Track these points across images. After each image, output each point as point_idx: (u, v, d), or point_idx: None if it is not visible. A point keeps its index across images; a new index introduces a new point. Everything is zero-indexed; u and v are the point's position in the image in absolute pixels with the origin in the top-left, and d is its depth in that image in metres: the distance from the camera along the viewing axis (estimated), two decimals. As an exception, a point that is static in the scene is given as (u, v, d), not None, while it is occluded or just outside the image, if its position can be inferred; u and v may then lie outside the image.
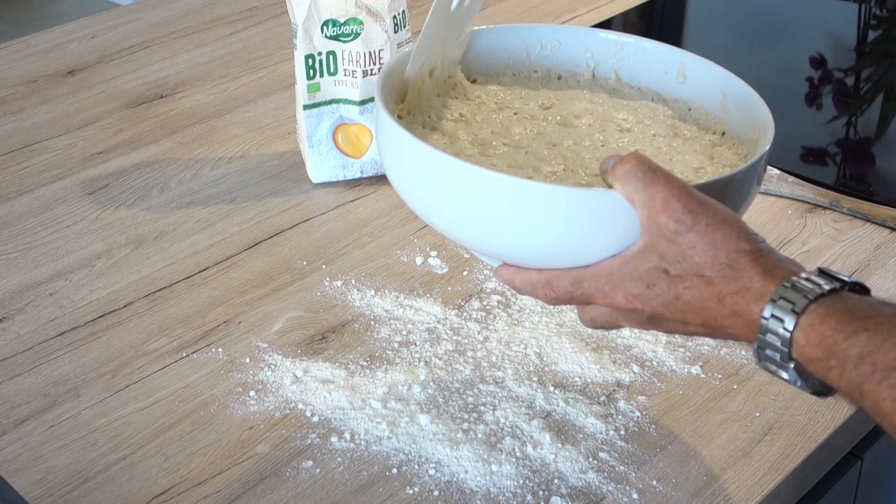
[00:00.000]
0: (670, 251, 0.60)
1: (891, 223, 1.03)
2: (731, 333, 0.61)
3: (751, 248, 0.59)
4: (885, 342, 0.54)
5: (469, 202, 0.65)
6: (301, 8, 1.01)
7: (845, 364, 0.55)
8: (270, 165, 1.12)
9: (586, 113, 0.79)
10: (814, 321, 0.56)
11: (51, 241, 1.01)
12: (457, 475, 0.76)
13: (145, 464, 0.77)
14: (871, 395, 0.54)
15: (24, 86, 1.29)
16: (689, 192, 0.60)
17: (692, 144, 0.75)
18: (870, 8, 1.53)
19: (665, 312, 0.61)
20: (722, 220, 0.60)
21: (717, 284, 0.59)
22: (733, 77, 0.76)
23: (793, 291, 0.57)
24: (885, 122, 1.28)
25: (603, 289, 0.63)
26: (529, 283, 0.66)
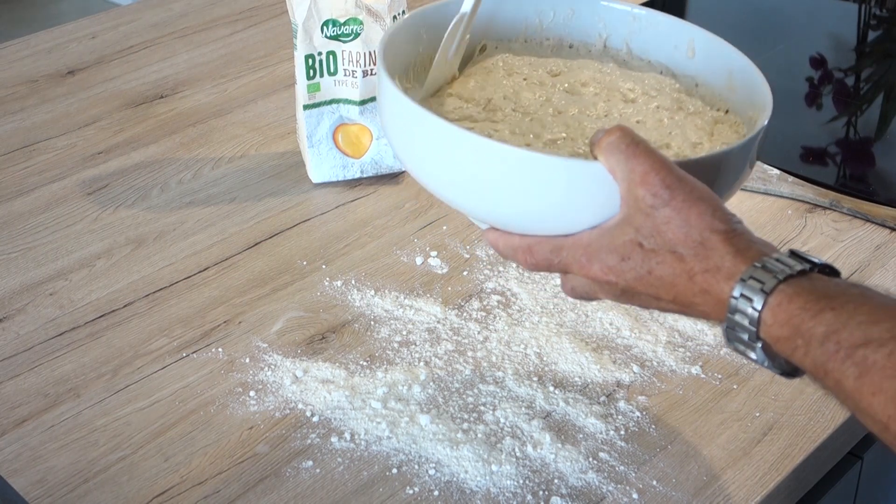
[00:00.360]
0: (646, 225, 0.60)
1: (891, 223, 1.03)
2: (702, 311, 0.61)
3: (724, 228, 0.60)
4: (850, 321, 0.54)
5: (456, 165, 0.66)
6: (301, 8, 1.01)
7: (811, 343, 0.55)
8: (270, 165, 1.12)
9: (593, 81, 0.79)
10: (781, 301, 0.57)
11: (51, 241, 1.01)
12: (457, 475, 0.76)
13: (145, 464, 0.77)
14: (835, 374, 0.54)
15: (24, 86, 1.29)
16: (668, 168, 0.61)
17: (694, 119, 0.76)
18: (870, 8, 1.53)
19: (638, 286, 0.62)
20: (698, 198, 0.60)
21: (689, 262, 0.60)
22: (740, 55, 0.76)
23: (762, 271, 0.58)
24: (885, 122, 1.28)
25: (580, 259, 0.63)
26: (512, 247, 0.67)
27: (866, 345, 0.53)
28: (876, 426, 0.54)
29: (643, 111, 0.76)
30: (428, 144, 0.68)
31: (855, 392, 0.54)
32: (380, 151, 1.08)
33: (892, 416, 0.52)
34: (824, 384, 0.56)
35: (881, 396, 0.53)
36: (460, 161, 0.66)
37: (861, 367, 0.53)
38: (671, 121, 0.75)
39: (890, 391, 0.52)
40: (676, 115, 0.76)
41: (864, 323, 0.54)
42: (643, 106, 0.76)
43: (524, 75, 0.79)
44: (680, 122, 0.75)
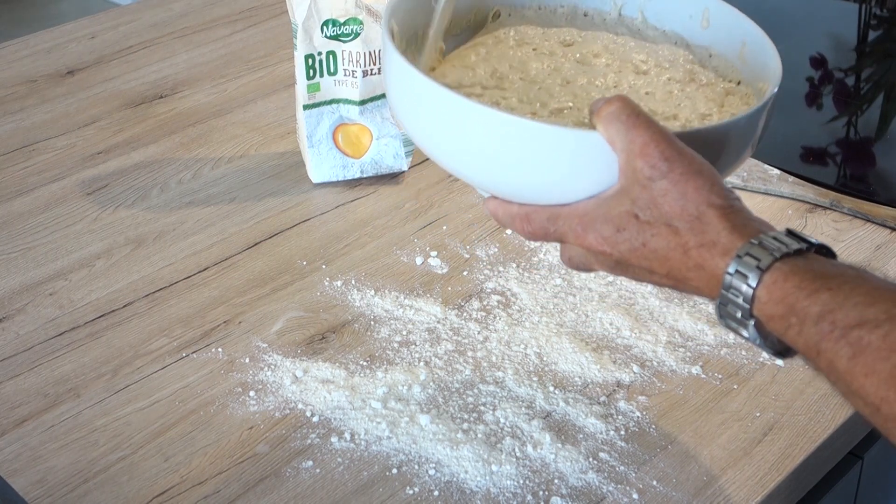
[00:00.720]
0: (642, 196, 0.60)
1: (891, 223, 1.03)
2: (695, 287, 0.61)
3: (721, 203, 0.59)
4: (846, 301, 0.54)
5: (456, 133, 0.66)
6: (301, 8, 1.01)
7: (805, 322, 0.55)
8: (270, 165, 1.12)
9: (606, 52, 0.79)
10: (777, 278, 0.56)
11: (50, 241, 1.01)
12: (457, 475, 0.76)
13: (145, 464, 0.77)
14: (828, 354, 0.54)
15: (24, 86, 1.29)
16: (668, 140, 0.60)
17: (706, 91, 0.75)
18: (870, 8, 1.53)
19: (631, 258, 0.61)
20: (696, 171, 0.60)
21: (684, 235, 0.59)
22: (754, 25, 0.76)
23: (759, 248, 0.57)
24: (885, 122, 1.28)
25: (576, 228, 0.63)
26: (510, 215, 0.67)
27: (861, 325, 0.53)
28: (867, 408, 0.54)
29: (654, 83, 0.75)
30: (429, 112, 0.67)
31: (847, 373, 0.53)
32: (380, 151, 1.08)
33: (884, 398, 0.52)
34: (816, 364, 0.55)
35: (874, 378, 0.52)
36: (460, 128, 0.66)
37: (855, 347, 0.53)
38: (681, 92, 0.75)
39: (883, 372, 0.52)
40: (688, 86, 0.75)
41: (860, 304, 0.54)
42: (654, 78, 0.76)
43: (534, 45, 0.79)
44: (690, 94, 0.74)
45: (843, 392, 0.55)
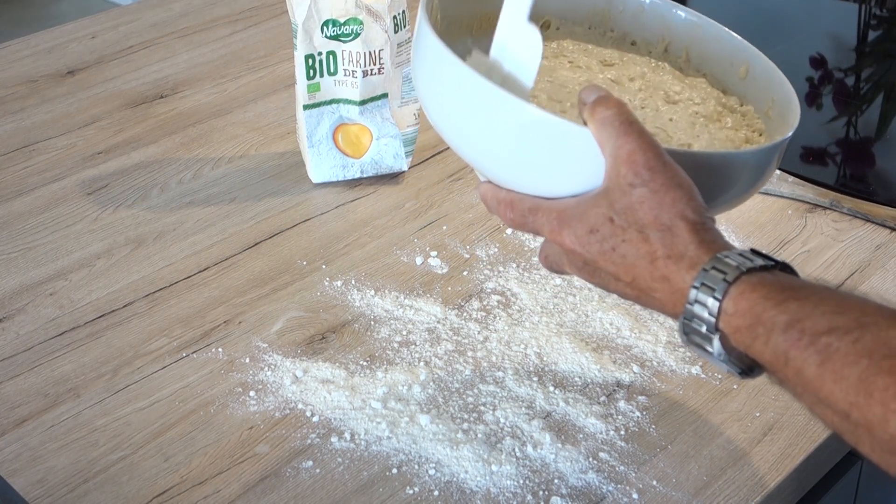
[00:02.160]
0: (621, 201, 0.61)
1: (891, 223, 1.03)
2: (658, 300, 0.61)
3: (694, 218, 0.60)
4: (815, 310, 0.54)
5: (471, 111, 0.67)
6: (301, 8, 1.01)
7: (772, 331, 0.55)
8: (270, 165, 1.12)
9: (641, 78, 0.79)
10: (744, 290, 0.57)
11: (51, 241, 1.01)
12: (457, 475, 0.76)
13: (145, 464, 0.77)
14: (796, 361, 0.54)
15: (24, 86, 1.29)
16: (655, 150, 0.61)
17: (728, 133, 0.75)
18: (870, 8, 1.53)
19: (600, 261, 0.62)
20: (676, 184, 0.60)
21: (654, 244, 0.60)
22: (787, 83, 0.76)
23: (724, 263, 0.58)
24: (885, 122, 1.28)
25: (552, 223, 0.64)
26: (497, 199, 0.68)
27: (830, 332, 0.53)
28: (835, 416, 0.53)
29: (680, 113, 0.76)
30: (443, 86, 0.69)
31: (816, 380, 0.53)
32: (380, 151, 1.08)
33: (853, 403, 0.52)
34: (783, 374, 0.55)
35: (843, 384, 0.52)
36: (474, 108, 0.66)
37: (824, 353, 0.53)
38: (704, 127, 0.75)
39: (852, 377, 0.52)
40: (712, 124, 0.76)
41: (828, 313, 0.54)
42: (683, 109, 0.77)
43: (570, 58, 0.79)
44: (712, 131, 0.75)
45: (810, 402, 0.55)
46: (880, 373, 0.51)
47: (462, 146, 0.70)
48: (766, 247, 1.00)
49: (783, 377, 0.55)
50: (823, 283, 0.57)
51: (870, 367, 0.51)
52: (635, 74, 0.79)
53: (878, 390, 0.50)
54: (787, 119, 0.74)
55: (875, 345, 0.51)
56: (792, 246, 1.00)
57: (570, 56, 0.80)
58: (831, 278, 0.96)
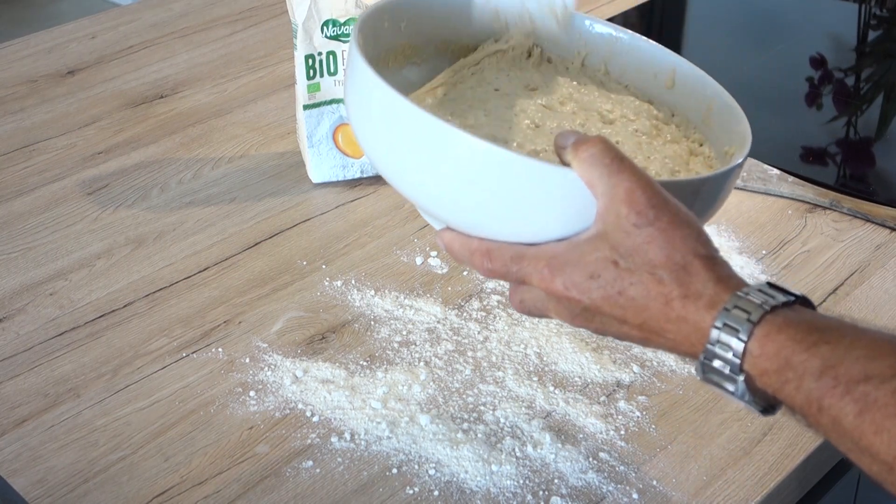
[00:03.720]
0: (625, 243, 0.58)
1: (891, 223, 1.03)
2: (671, 340, 0.58)
3: (706, 254, 0.58)
4: (848, 355, 0.52)
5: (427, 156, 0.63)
6: (301, 8, 1.02)
7: (804, 377, 0.53)
8: (270, 165, 1.12)
9: (570, 100, 0.77)
10: (769, 331, 0.55)
11: (51, 241, 1.01)
12: (457, 475, 0.76)
13: (145, 464, 0.77)
14: (832, 410, 0.52)
15: (24, 86, 1.29)
16: (654, 187, 0.58)
17: (673, 147, 0.74)
18: (870, 8, 1.53)
19: (604, 306, 0.59)
20: (683, 221, 0.58)
21: (668, 286, 0.57)
22: (721, 89, 0.75)
23: (747, 301, 0.56)
24: (885, 122, 1.28)
25: (542, 271, 0.60)
26: (469, 249, 0.63)
27: (867, 381, 0.51)
28: (878, 466, 0.52)
29: (621, 133, 0.74)
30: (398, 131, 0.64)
31: (855, 430, 0.52)
32: (380, 151, 1.08)
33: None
34: (817, 420, 0.54)
35: (884, 435, 0.51)
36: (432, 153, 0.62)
37: (862, 403, 0.51)
38: (649, 146, 0.74)
39: (894, 429, 0.50)
40: (654, 140, 0.75)
41: (862, 358, 0.52)
42: (622, 128, 0.75)
43: (496, 86, 0.76)
44: (658, 148, 0.74)
45: (849, 448, 0.53)
46: None
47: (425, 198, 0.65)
48: (765, 247, 1.00)
49: (816, 422, 0.54)
50: (852, 322, 0.55)
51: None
52: (564, 97, 0.77)
53: None
54: (730, 126, 0.72)
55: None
56: (792, 246, 1.00)
57: (494, 83, 0.77)
58: (831, 278, 0.96)
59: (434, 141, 0.62)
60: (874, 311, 0.92)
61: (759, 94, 1.31)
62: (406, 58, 0.77)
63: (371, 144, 0.67)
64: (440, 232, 0.66)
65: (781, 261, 0.98)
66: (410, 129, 0.63)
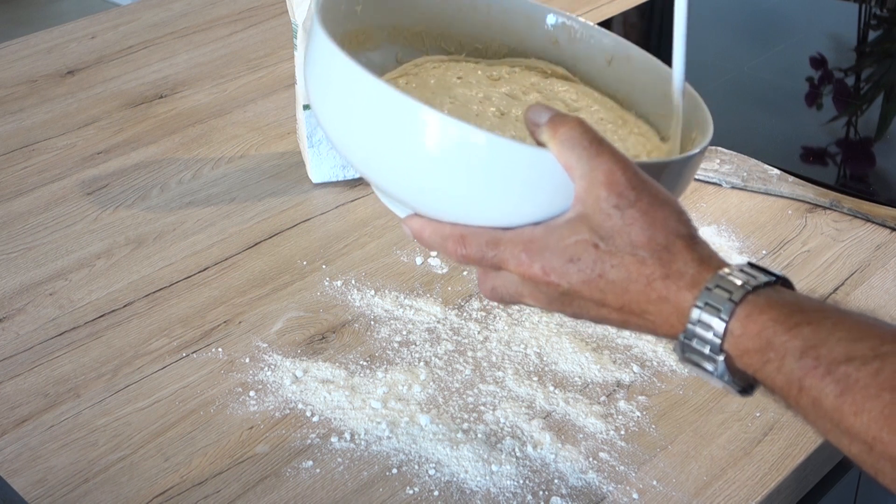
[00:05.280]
0: (605, 225, 0.57)
1: (891, 223, 1.03)
2: (650, 322, 0.58)
3: (688, 233, 0.57)
4: (830, 336, 0.52)
5: (396, 136, 0.61)
6: (301, 8, 1.01)
7: (785, 357, 0.53)
8: (270, 165, 1.12)
9: (534, 89, 0.76)
10: (751, 311, 0.54)
11: (51, 241, 1.01)
12: (457, 475, 0.76)
13: (145, 464, 0.77)
14: (812, 391, 0.52)
15: (24, 86, 1.29)
16: (633, 169, 0.58)
17: (637, 137, 0.74)
18: (870, 8, 1.53)
19: (583, 290, 0.58)
20: (663, 201, 0.58)
21: (650, 266, 0.57)
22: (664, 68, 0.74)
23: (728, 281, 0.55)
24: (885, 122, 1.28)
25: (519, 256, 0.59)
26: (441, 235, 0.62)
27: (848, 361, 0.51)
28: (857, 446, 0.52)
29: (588, 119, 0.72)
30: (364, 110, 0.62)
31: (835, 411, 0.52)
32: (380, 151, 1.08)
33: (876, 437, 0.51)
34: (797, 401, 0.54)
35: (864, 416, 0.51)
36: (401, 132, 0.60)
37: (843, 384, 0.51)
38: (615, 134, 0.73)
39: (874, 411, 0.50)
40: (620, 129, 0.74)
41: (844, 339, 0.52)
42: (587, 116, 0.73)
43: (459, 75, 0.75)
44: (623, 137, 0.73)
45: (828, 430, 0.53)
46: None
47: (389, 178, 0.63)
48: (766, 247, 1.00)
49: (795, 403, 0.54)
50: (834, 304, 0.56)
51: (892, 402, 0.50)
52: (527, 87, 0.76)
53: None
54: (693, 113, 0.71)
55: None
56: (792, 246, 1.00)
57: (457, 73, 0.76)
58: (831, 278, 0.96)
59: (405, 118, 0.60)
60: (874, 311, 0.92)
61: (759, 94, 1.31)
62: (360, 43, 0.75)
63: (333, 125, 0.65)
64: (407, 219, 0.64)
65: (781, 261, 0.98)
66: (379, 106, 0.61)
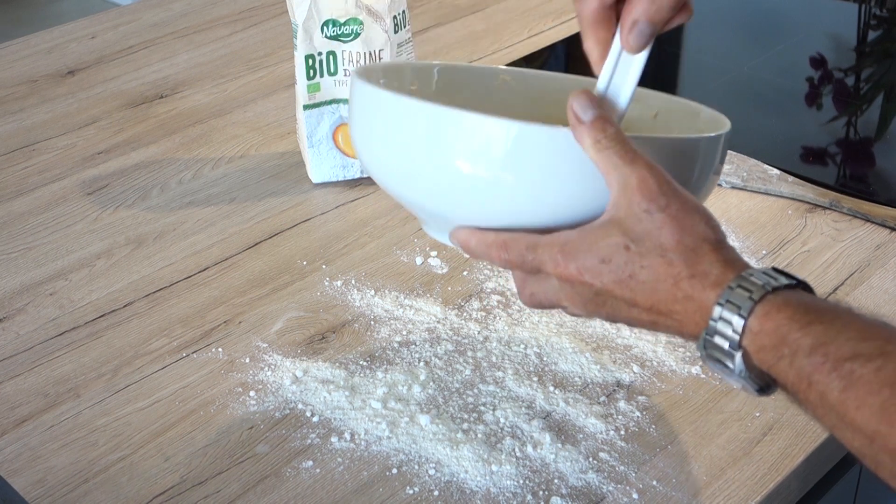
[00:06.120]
0: (637, 228, 0.60)
1: (891, 223, 1.03)
2: (677, 321, 0.61)
3: (716, 238, 0.61)
4: (839, 335, 0.55)
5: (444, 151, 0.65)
6: (301, 8, 1.02)
7: (797, 353, 0.56)
8: (270, 165, 1.12)
9: None
10: (769, 310, 0.57)
11: (51, 241, 1.01)
12: (457, 475, 0.76)
13: (145, 464, 0.77)
14: (819, 385, 0.55)
15: (24, 86, 1.29)
16: (664, 176, 0.61)
17: None
18: (870, 8, 1.53)
19: (615, 289, 0.61)
20: (693, 208, 0.61)
21: (677, 266, 0.60)
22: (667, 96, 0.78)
23: (750, 281, 0.58)
24: (885, 122, 1.28)
25: (556, 257, 0.63)
26: (486, 243, 0.66)
27: (854, 358, 0.54)
28: (859, 440, 0.54)
29: None
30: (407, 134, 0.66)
31: (840, 405, 0.54)
32: (380, 151, 1.08)
33: (876, 431, 0.53)
34: (805, 396, 0.56)
35: (865, 410, 0.53)
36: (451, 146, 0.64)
37: (847, 379, 0.54)
38: None
39: (874, 406, 0.53)
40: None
41: (852, 339, 0.55)
42: None
43: None
44: None
45: (833, 424, 0.56)
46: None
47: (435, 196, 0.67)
48: (765, 247, 1.00)
49: (805, 398, 0.56)
50: (847, 307, 0.58)
51: (892, 397, 0.52)
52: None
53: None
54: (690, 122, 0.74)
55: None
56: (792, 246, 1.00)
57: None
58: (831, 278, 0.96)
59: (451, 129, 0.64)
60: (874, 310, 0.92)
61: (759, 94, 1.31)
62: None
63: (377, 160, 0.69)
64: (454, 231, 0.68)
65: (781, 261, 0.98)
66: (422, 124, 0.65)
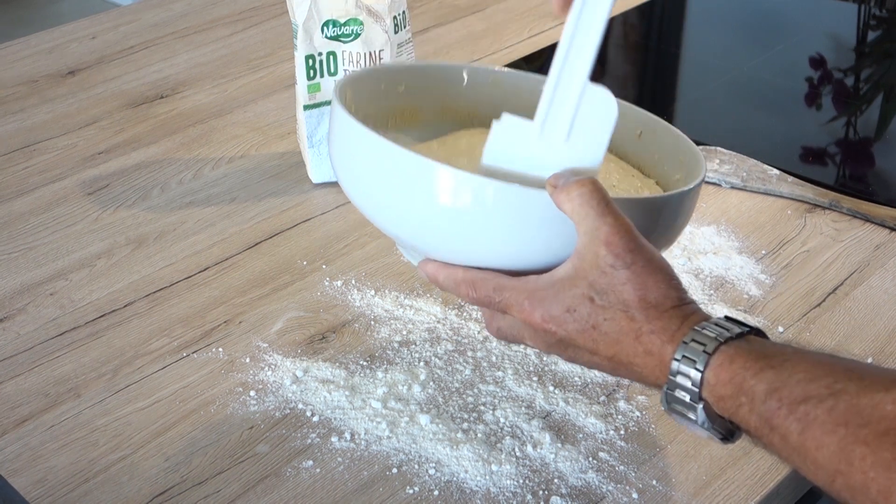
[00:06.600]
0: (601, 282, 0.62)
1: (890, 223, 1.03)
2: (638, 372, 0.63)
3: (677, 296, 0.62)
4: (790, 378, 0.57)
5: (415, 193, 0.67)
6: (301, 8, 1.02)
7: (754, 401, 0.58)
8: (270, 165, 1.12)
9: None
10: (723, 361, 0.59)
11: (51, 241, 1.01)
12: (457, 475, 0.76)
13: (145, 464, 0.77)
14: (780, 430, 0.57)
15: (25, 86, 1.29)
16: (632, 233, 0.63)
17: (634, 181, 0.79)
18: (870, 8, 1.54)
19: (578, 339, 0.63)
20: (657, 267, 0.63)
21: (638, 322, 0.62)
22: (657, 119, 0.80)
23: (703, 335, 0.60)
24: (885, 122, 1.28)
25: (522, 303, 0.64)
26: (454, 279, 0.68)
27: (806, 401, 0.56)
28: (822, 478, 0.56)
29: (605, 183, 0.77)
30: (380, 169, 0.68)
31: (800, 447, 0.56)
32: (380, 151, 1.08)
33: (837, 471, 0.54)
34: (770, 440, 0.58)
35: (824, 451, 0.54)
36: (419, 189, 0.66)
37: (803, 422, 0.55)
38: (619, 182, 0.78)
39: (832, 446, 0.54)
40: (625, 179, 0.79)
41: (802, 381, 0.56)
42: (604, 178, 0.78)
43: None
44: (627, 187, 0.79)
45: (798, 464, 0.57)
46: (857, 442, 0.53)
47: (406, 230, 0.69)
48: (765, 247, 1.00)
49: (769, 442, 0.58)
50: (796, 346, 0.60)
51: (847, 437, 0.54)
52: None
53: (857, 459, 0.53)
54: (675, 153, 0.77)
55: (849, 414, 0.54)
56: (792, 246, 1.01)
57: None
58: (830, 278, 0.96)
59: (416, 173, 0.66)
60: (873, 310, 0.92)
61: (759, 94, 1.31)
62: (405, 120, 0.82)
63: (353, 186, 0.72)
64: (422, 264, 0.70)
65: (781, 261, 0.98)
66: (395, 168, 0.67)
